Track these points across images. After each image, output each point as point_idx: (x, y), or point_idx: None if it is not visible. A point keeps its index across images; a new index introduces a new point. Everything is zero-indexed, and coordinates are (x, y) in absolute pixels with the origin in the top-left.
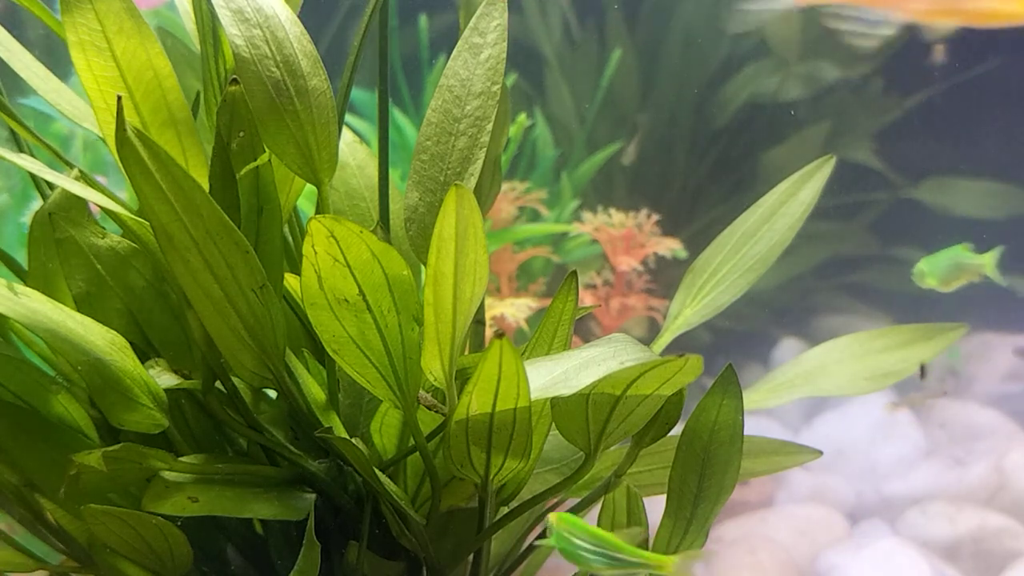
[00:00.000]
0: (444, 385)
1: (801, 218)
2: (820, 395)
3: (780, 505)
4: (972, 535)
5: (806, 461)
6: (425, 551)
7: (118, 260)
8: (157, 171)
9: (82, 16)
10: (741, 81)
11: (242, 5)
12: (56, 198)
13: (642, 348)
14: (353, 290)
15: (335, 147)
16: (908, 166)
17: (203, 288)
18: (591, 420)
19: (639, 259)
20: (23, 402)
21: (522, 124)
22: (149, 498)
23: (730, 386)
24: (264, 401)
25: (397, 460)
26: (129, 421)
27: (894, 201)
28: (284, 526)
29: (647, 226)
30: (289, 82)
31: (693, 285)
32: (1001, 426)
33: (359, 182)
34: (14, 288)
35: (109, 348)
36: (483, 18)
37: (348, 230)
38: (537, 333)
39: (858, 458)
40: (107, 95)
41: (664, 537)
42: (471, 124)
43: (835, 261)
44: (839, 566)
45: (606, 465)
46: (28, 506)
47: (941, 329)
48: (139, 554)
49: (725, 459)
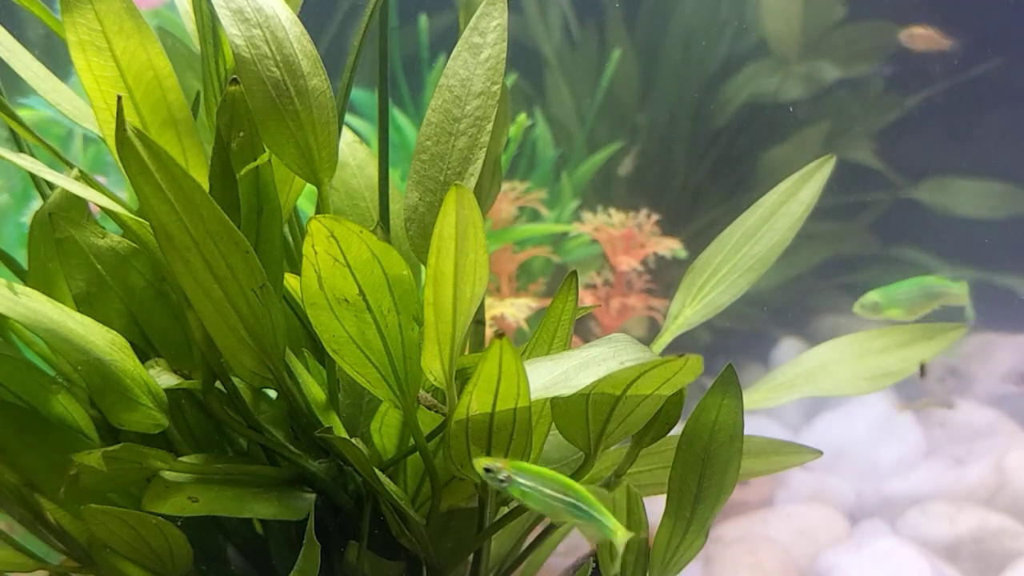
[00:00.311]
0: (444, 385)
1: (801, 218)
2: (820, 395)
3: (780, 505)
4: (972, 535)
5: (806, 461)
6: (425, 551)
7: (118, 260)
8: (157, 171)
9: (82, 16)
10: (741, 81)
11: (242, 5)
12: (56, 198)
13: (642, 348)
14: (353, 290)
15: (335, 147)
16: (908, 166)
17: (203, 288)
18: (591, 420)
19: (639, 259)
20: (23, 402)
21: (522, 124)
22: (149, 498)
23: (730, 386)
24: (264, 401)
25: (397, 460)
26: (129, 421)
27: (894, 201)
28: (284, 526)
29: (647, 226)
30: (289, 82)
31: (693, 285)
32: (1001, 426)
33: (359, 182)
34: (14, 288)
35: (109, 348)
36: (483, 18)
37: (348, 230)
38: (537, 333)
39: (858, 458)
40: (107, 95)
41: (664, 537)
42: (471, 124)
43: (835, 261)
44: (839, 566)
45: (606, 465)
46: (28, 506)
47: (941, 329)
48: (139, 554)
49: (725, 459)
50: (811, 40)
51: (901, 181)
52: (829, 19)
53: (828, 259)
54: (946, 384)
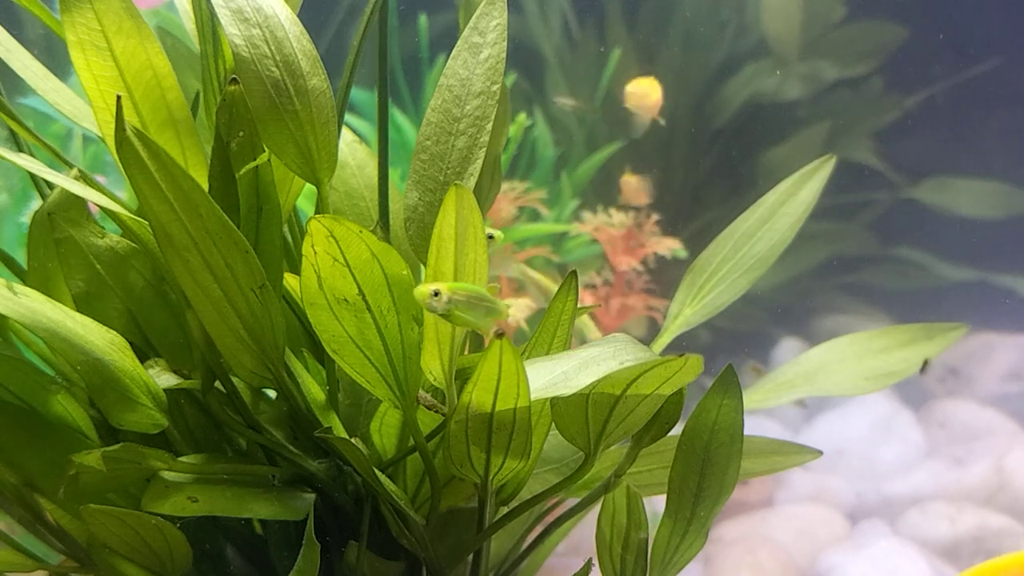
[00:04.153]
0: (444, 385)
1: (801, 218)
2: (820, 395)
3: (780, 505)
4: (972, 535)
5: (806, 461)
6: (425, 551)
7: (117, 260)
8: (156, 171)
9: (81, 16)
10: (741, 81)
11: (242, 5)
12: (55, 198)
13: (642, 348)
14: (353, 290)
15: (335, 147)
16: (908, 166)
17: (202, 288)
18: (591, 420)
19: (639, 259)
20: (23, 402)
21: (522, 124)
22: (149, 498)
23: (730, 386)
24: (264, 401)
25: (397, 460)
26: (128, 421)
27: (894, 201)
28: (284, 526)
29: (647, 226)
30: (289, 82)
31: (693, 285)
32: (1001, 426)
33: (359, 182)
34: (14, 288)
35: (108, 348)
36: (483, 18)
37: (348, 230)
38: (537, 333)
39: (858, 458)
40: (106, 95)
41: (664, 537)
42: (471, 124)
43: (835, 261)
44: (839, 566)
45: (606, 465)
46: (28, 506)
47: (941, 329)
48: (138, 554)
49: (725, 459)
50: (811, 40)
51: (901, 181)
52: (829, 19)
53: (828, 259)
54: (946, 384)
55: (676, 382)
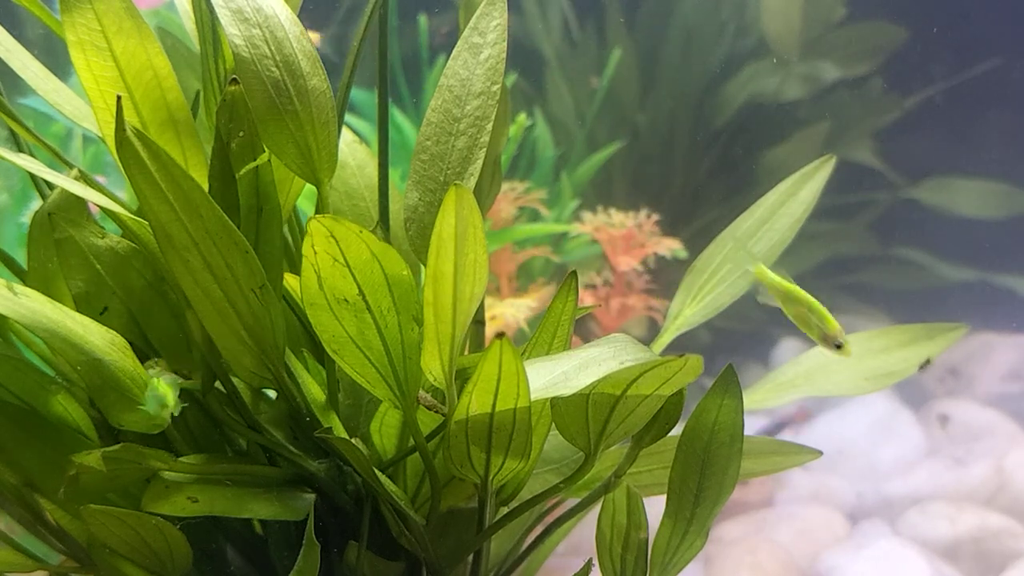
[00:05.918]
0: (444, 385)
1: (801, 218)
2: (820, 395)
3: (780, 505)
4: (972, 535)
5: (806, 461)
6: (425, 551)
7: (118, 260)
8: (156, 171)
9: (81, 16)
10: (741, 81)
11: (242, 5)
12: (55, 198)
13: (642, 348)
14: (353, 290)
15: (335, 147)
16: (908, 166)
17: (203, 288)
18: (591, 420)
19: (639, 259)
20: (23, 402)
21: (522, 124)
22: (149, 498)
23: (730, 386)
24: (264, 401)
25: (397, 460)
26: (128, 421)
27: (894, 201)
28: (284, 526)
29: (647, 226)
30: (289, 82)
31: (693, 285)
32: (1001, 426)
33: (359, 182)
34: (14, 288)
35: (108, 348)
36: (483, 18)
37: (348, 230)
38: (537, 333)
39: (858, 458)
40: (107, 95)
41: (664, 537)
42: (471, 124)
43: (835, 261)
44: (839, 566)
45: (606, 465)
46: (28, 506)
47: (941, 329)
48: (138, 554)
49: (725, 459)
50: (811, 40)
51: (901, 181)
52: (829, 19)
53: (828, 259)
54: (946, 384)
55: (676, 382)
